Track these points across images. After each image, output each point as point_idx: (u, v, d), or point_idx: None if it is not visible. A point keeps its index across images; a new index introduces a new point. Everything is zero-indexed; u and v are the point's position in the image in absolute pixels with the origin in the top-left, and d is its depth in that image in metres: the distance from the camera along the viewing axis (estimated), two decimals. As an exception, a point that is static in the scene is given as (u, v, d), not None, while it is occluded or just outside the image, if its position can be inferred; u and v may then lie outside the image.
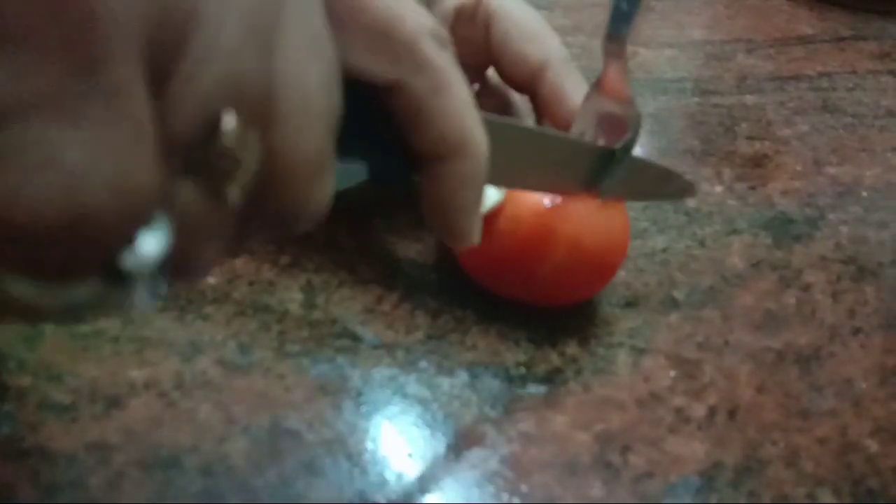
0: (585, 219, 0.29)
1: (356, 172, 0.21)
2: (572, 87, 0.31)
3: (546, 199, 0.28)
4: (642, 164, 0.32)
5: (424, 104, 0.20)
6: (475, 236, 0.23)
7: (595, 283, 0.31)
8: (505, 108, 0.36)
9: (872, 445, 0.28)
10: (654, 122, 0.47)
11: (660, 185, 0.32)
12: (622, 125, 0.28)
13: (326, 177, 0.17)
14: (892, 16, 0.67)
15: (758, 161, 0.44)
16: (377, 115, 0.20)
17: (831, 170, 0.44)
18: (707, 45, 0.58)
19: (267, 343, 0.28)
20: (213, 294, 0.30)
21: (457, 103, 0.20)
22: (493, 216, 0.28)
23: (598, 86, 0.29)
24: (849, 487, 0.26)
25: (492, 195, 0.28)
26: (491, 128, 0.22)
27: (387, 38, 0.19)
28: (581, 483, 0.25)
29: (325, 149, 0.17)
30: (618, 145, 0.28)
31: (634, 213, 0.38)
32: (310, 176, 0.17)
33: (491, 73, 0.36)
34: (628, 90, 0.27)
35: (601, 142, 0.28)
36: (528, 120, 0.36)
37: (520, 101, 0.36)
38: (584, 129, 0.29)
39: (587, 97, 0.29)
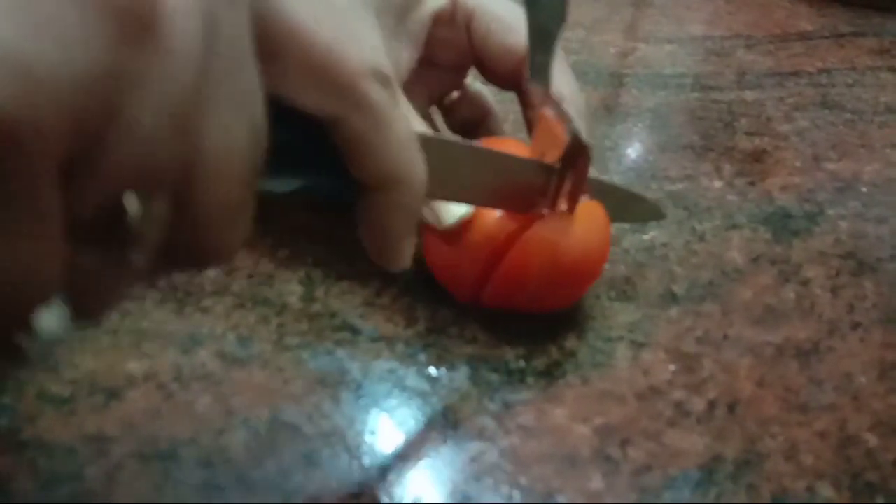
0: (560, 232, 0.28)
1: (292, 183, 0.22)
2: (556, 74, 0.31)
3: (518, 215, 0.28)
4: (609, 188, 0.31)
5: (363, 140, 0.20)
6: (406, 260, 0.23)
7: (571, 295, 0.31)
8: (483, 116, 0.36)
9: (871, 439, 0.28)
10: (653, 118, 0.47)
11: (626, 208, 0.32)
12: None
13: (243, 220, 0.18)
14: (891, 12, 0.67)
15: (757, 156, 0.44)
16: (319, 134, 0.20)
17: (830, 165, 0.44)
18: (707, 41, 0.58)
19: (266, 336, 0.28)
20: (212, 287, 0.30)
21: (395, 141, 0.21)
22: (465, 233, 0.28)
23: (538, 123, 0.28)
24: (848, 481, 0.26)
25: (457, 209, 0.28)
26: (440, 147, 0.23)
27: (325, 76, 0.20)
28: (580, 476, 0.25)
29: (245, 195, 0.17)
30: (557, 164, 0.27)
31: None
32: (227, 223, 0.17)
33: (469, 81, 0.36)
34: (563, 130, 0.27)
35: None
36: (504, 126, 0.36)
37: (498, 109, 0.36)
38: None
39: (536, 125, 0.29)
